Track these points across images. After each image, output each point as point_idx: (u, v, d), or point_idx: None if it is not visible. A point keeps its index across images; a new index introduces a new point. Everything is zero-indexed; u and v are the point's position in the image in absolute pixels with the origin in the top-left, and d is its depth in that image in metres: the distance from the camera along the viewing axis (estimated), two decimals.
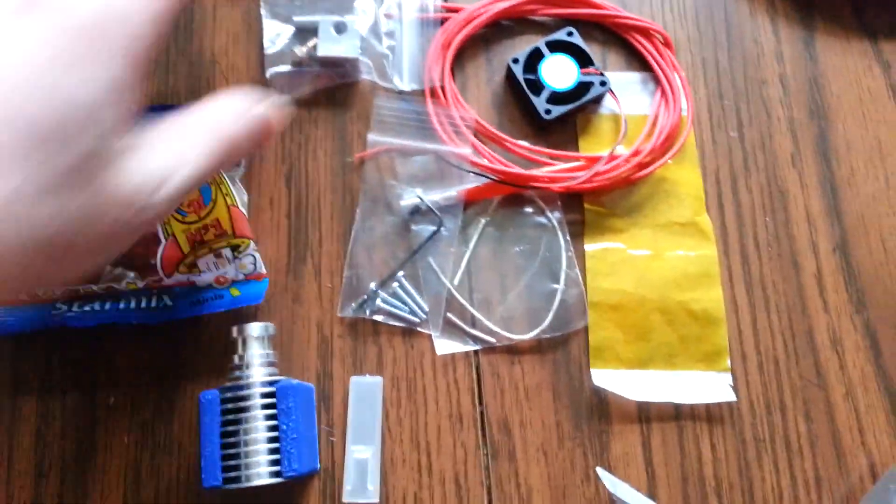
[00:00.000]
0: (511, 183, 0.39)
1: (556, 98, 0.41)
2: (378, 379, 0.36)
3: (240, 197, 0.37)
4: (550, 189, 0.39)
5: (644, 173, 0.40)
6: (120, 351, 0.36)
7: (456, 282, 0.38)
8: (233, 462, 0.31)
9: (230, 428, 0.31)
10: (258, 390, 0.32)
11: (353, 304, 0.37)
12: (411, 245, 0.39)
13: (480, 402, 0.37)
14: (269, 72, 0.41)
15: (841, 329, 0.39)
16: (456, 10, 0.42)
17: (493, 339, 0.37)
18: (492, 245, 0.39)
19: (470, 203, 0.40)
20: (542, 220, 0.40)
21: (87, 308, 0.34)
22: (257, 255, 0.36)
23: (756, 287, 0.39)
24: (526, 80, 0.41)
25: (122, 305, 0.35)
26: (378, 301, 0.37)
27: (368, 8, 0.42)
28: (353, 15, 0.41)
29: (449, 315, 0.38)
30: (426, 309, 0.37)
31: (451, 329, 0.38)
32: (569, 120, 0.42)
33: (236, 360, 0.33)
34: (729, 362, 0.38)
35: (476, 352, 0.37)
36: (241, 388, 0.32)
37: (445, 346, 0.37)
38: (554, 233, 0.39)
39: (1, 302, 0.34)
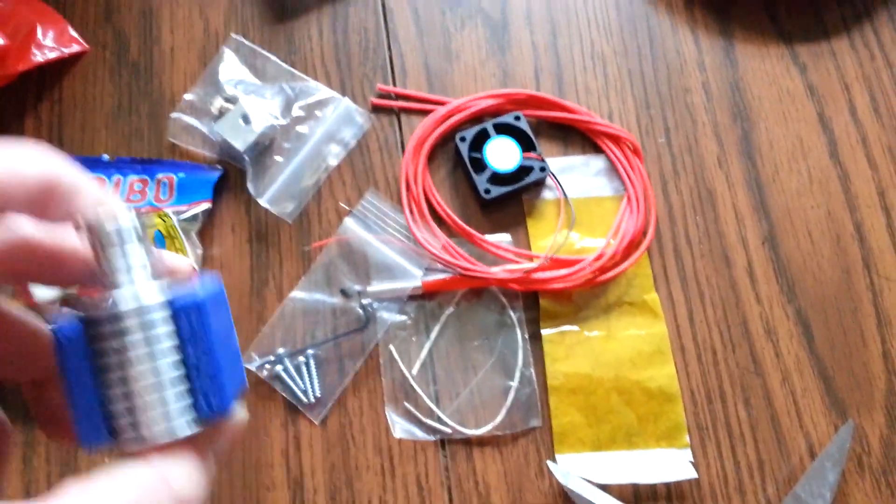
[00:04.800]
0: (473, 278, 0.39)
1: (498, 179, 0.42)
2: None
3: (193, 251, 0.39)
4: (512, 287, 0.40)
5: (606, 277, 0.40)
6: None
7: (415, 371, 0.39)
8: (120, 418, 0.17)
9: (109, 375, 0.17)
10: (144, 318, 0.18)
11: (258, 358, 0.39)
12: (336, 330, 0.39)
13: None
14: (174, 115, 0.42)
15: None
16: (441, 103, 0.43)
17: (448, 430, 0.38)
18: (453, 337, 0.40)
19: (434, 294, 0.40)
20: (502, 315, 0.40)
21: None
22: None
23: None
24: (471, 157, 0.42)
25: None
26: (279, 368, 0.38)
27: (281, 117, 0.42)
28: (266, 116, 0.41)
29: (406, 404, 0.39)
30: (318, 395, 0.38)
31: (408, 416, 0.39)
32: (513, 200, 0.43)
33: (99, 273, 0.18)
34: (688, 438, 0.38)
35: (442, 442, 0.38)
36: (116, 318, 0.17)
37: (402, 431, 0.38)
38: (513, 328, 0.40)
39: None
